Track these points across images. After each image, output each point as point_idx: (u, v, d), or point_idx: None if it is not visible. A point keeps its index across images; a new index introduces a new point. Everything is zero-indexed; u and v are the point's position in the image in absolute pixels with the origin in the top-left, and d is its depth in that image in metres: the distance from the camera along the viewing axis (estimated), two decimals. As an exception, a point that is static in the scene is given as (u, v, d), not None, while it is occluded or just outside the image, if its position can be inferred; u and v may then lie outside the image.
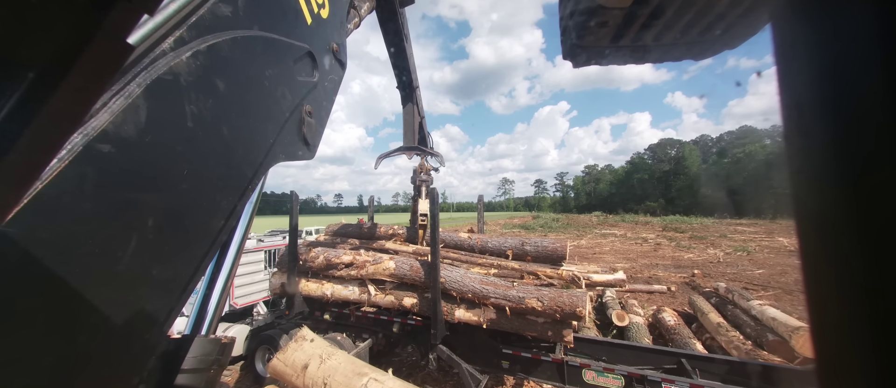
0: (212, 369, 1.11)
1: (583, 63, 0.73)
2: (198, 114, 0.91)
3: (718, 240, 21.27)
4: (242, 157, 1.07)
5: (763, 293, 8.68)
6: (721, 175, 71.40)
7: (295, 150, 1.34)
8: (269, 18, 1.18)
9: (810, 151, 0.24)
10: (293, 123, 1.31)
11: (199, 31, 0.92)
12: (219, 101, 0.97)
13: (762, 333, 5.08)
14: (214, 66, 0.95)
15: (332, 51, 1.61)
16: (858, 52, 0.21)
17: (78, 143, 0.67)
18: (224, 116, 0.99)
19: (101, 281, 0.71)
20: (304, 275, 4.75)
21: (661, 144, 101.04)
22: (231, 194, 1.04)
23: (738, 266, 13.02)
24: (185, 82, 0.87)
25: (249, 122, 1.10)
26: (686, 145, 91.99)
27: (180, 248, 0.90)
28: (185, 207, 0.91)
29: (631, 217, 50.92)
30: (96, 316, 0.71)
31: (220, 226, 1.01)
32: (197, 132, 0.91)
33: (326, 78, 1.56)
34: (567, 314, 3.35)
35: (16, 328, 0.60)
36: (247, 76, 1.08)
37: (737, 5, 0.56)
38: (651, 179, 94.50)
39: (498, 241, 4.51)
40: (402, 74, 4.61)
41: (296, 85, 1.31)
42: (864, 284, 0.20)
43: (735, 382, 3.47)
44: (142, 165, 0.78)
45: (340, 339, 4.43)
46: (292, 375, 3.29)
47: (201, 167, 0.94)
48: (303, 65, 1.36)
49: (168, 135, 0.84)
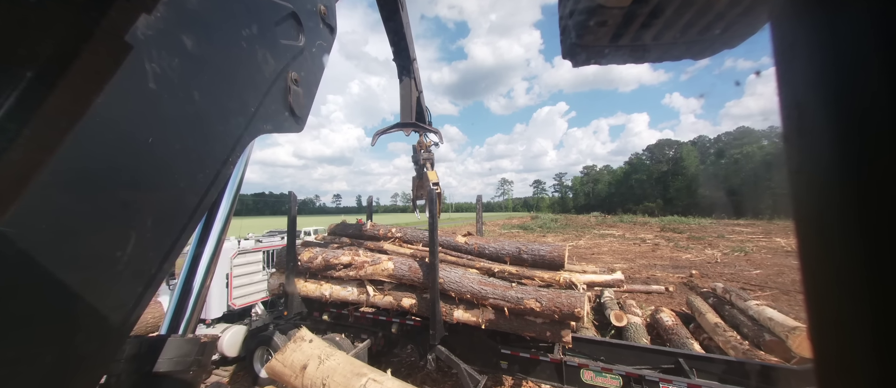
0: (191, 371, 1.04)
1: (582, 63, 0.74)
2: (162, 75, 0.81)
3: (716, 240, 21.35)
4: (219, 125, 0.97)
5: (760, 294, 8.72)
6: (719, 176, 71.73)
7: (281, 120, 1.23)
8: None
9: (810, 151, 0.24)
10: (278, 90, 1.20)
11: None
12: (187, 61, 0.87)
13: (759, 333, 5.10)
14: (180, 20, 0.85)
15: (320, 13, 1.46)
16: (858, 52, 0.21)
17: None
18: (194, 80, 0.89)
19: (58, 262, 0.63)
20: (303, 275, 4.74)
21: (659, 144, 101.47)
22: (208, 168, 0.94)
23: (736, 266, 13.07)
24: (144, 38, 0.74)
25: (226, 87, 1.00)
26: (684, 146, 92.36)
27: (148, 227, 0.80)
28: (152, 179, 0.81)
29: (629, 218, 51.06)
30: (55, 305, 0.64)
31: (195, 203, 0.91)
32: (161, 95, 0.81)
33: (313, 43, 1.42)
34: (565, 315, 3.35)
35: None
36: (220, 35, 0.97)
37: (736, 4, 0.56)
38: (649, 179, 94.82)
39: (495, 245, 4.40)
40: (399, 45, 4.30)
41: (279, 48, 1.20)
42: (863, 283, 0.20)
43: (732, 381, 3.48)
44: (98, 129, 0.67)
45: (339, 339, 4.42)
46: (291, 376, 3.28)
47: (169, 135, 0.84)
48: (286, 27, 1.25)
49: (126, 98, 0.73)
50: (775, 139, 27.32)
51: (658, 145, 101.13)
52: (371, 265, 4.33)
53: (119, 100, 0.72)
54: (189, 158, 0.90)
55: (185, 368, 1.03)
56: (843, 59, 0.22)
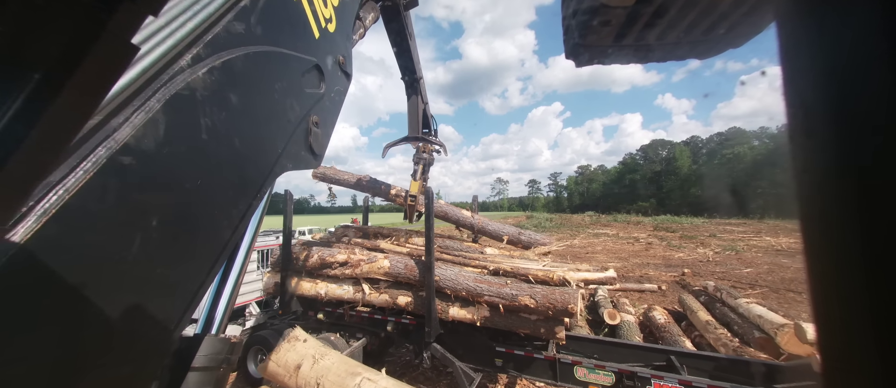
0: (221, 368, 1.13)
1: (585, 62, 0.73)
2: (212, 126, 0.95)
3: (708, 239, 21.66)
4: (252, 167, 1.12)
5: (751, 292, 8.87)
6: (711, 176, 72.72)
7: (302, 159, 1.40)
8: (280, 33, 1.24)
9: (815, 151, 0.24)
10: (300, 133, 1.36)
11: (215, 48, 0.97)
12: (231, 114, 1.02)
13: (749, 330, 5.19)
14: (228, 80, 1.00)
15: (339, 63, 1.68)
16: (864, 52, 0.21)
17: (102, 156, 0.72)
18: (236, 128, 1.04)
19: (120, 287, 0.75)
20: (298, 274, 4.71)
21: (652, 144, 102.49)
22: (241, 203, 1.08)
23: (727, 265, 13.27)
24: (201, 97, 0.92)
25: (259, 133, 1.15)
26: (677, 146, 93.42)
27: (193, 255, 0.94)
28: (197, 216, 0.95)
29: (623, 217, 51.56)
30: (114, 320, 0.75)
31: (229, 234, 1.05)
32: (210, 144, 0.96)
33: (332, 89, 1.62)
34: (559, 311, 3.38)
35: (43, 332, 0.64)
36: (258, 89, 1.13)
37: (741, 4, 0.56)
38: (643, 179, 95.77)
39: (497, 225, 4.79)
40: (407, 69, 4.75)
41: (303, 97, 1.37)
42: (868, 283, 0.20)
43: (722, 378, 3.54)
44: (159, 176, 0.83)
45: (334, 339, 4.40)
46: (285, 375, 3.26)
47: (214, 177, 0.98)
48: (310, 77, 1.42)
49: (184, 147, 0.89)
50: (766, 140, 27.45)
51: (651, 145, 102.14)
52: (367, 264, 4.32)
53: (177, 149, 0.87)
54: (226, 195, 1.03)
55: (216, 365, 1.12)
56: (849, 59, 0.22)
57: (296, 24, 1.34)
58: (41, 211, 0.63)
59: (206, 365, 1.09)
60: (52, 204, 0.64)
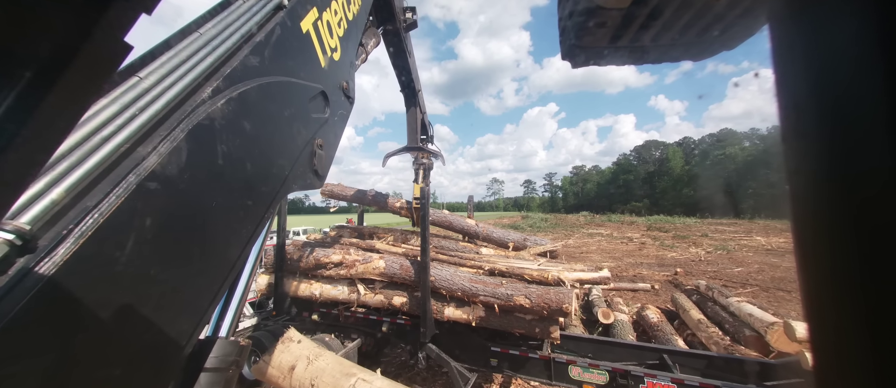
0: (231, 369, 1.19)
1: (581, 63, 0.74)
2: (227, 152, 1.02)
3: (700, 239, 21.94)
4: (262, 189, 1.18)
5: (741, 290, 9.00)
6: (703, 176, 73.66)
7: (307, 180, 1.48)
8: (290, 64, 1.31)
9: (808, 152, 0.24)
10: (306, 155, 1.44)
11: (233, 80, 1.04)
12: (245, 140, 1.09)
13: (740, 328, 5.27)
14: (243, 110, 1.07)
15: (343, 88, 1.77)
16: (855, 54, 0.21)
17: (132, 182, 0.78)
18: (248, 153, 1.11)
19: (142, 300, 0.82)
20: (293, 275, 4.67)
21: (646, 145, 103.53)
22: (250, 224, 1.14)
23: (719, 264, 13.46)
24: (219, 126, 0.99)
25: (269, 157, 1.22)
26: (670, 147, 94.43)
27: (206, 271, 1.00)
28: (212, 236, 1.01)
29: (617, 217, 52.00)
30: (138, 328, 0.81)
31: (239, 253, 1.11)
32: (226, 169, 1.03)
33: (336, 113, 1.71)
34: (554, 311, 3.39)
35: (80, 338, 0.71)
36: (269, 117, 1.19)
37: (735, 6, 0.57)
38: (636, 179, 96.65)
39: (501, 232, 4.74)
40: (406, 83, 4.98)
41: (310, 121, 1.44)
42: (860, 282, 0.20)
43: (714, 376, 3.59)
44: (180, 200, 0.89)
45: (328, 340, 4.36)
46: (279, 377, 3.23)
47: (227, 199, 1.04)
48: (316, 103, 1.50)
49: (203, 172, 0.95)
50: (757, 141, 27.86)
51: (645, 146, 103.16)
52: (362, 264, 4.30)
53: (196, 175, 0.93)
54: (238, 216, 1.09)
55: (226, 366, 1.18)
56: (841, 61, 0.22)
57: (304, 54, 1.42)
58: (79, 233, 0.70)
59: (218, 366, 1.14)
60: (88, 227, 0.71)
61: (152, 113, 0.88)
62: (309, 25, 1.44)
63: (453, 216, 5.85)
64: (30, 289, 0.63)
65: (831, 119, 0.23)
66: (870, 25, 0.21)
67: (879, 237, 0.19)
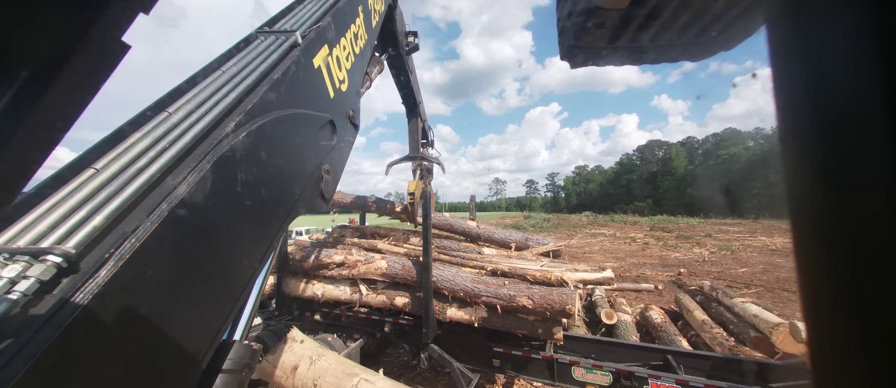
0: (244, 372, 1.25)
1: (580, 64, 0.74)
2: (245, 180, 1.10)
3: (704, 239, 21.79)
4: (274, 213, 1.26)
5: (745, 291, 8.94)
6: (707, 176, 73.16)
7: (314, 203, 1.56)
8: (302, 97, 1.40)
9: (805, 153, 0.24)
10: (314, 180, 1.51)
11: (253, 115, 1.12)
12: (261, 168, 1.16)
13: (744, 329, 5.23)
14: (260, 141, 1.15)
15: (349, 116, 1.88)
16: (852, 55, 0.21)
17: (164, 210, 0.86)
18: (263, 180, 1.18)
19: (170, 315, 0.89)
20: (295, 275, 4.68)
21: (649, 145, 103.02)
22: (262, 245, 1.22)
23: (723, 265, 13.36)
24: (239, 156, 1.07)
25: (281, 183, 1.29)
26: (673, 147, 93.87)
27: (224, 290, 1.07)
28: (229, 257, 1.07)
29: (620, 217, 51.75)
30: (164, 340, 0.88)
31: (252, 272, 1.19)
32: (243, 195, 1.10)
33: (343, 140, 1.80)
34: (557, 312, 3.38)
35: (118, 348, 0.78)
36: (282, 146, 1.27)
37: (733, 7, 0.57)
38: (639, 179, 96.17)
39: (503, 233, 4.75)
40: (407, 97, 5.26)
41: (318, 148, 1.53)
42: (857, 282, 0.20)
43: (719, 377, 3.56)
44: (203, 225, 0.96)
45: (331, 340, 4.37)
46: (281, 377, 3.24)
47: (243, 223, 1.11)
48: (325, 131, 1.59)
49: (224, 199, 1.03)
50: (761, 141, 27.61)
51: (648, 146, 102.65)
52: (364, 264, 4.30)
53: (218, 202, 0.99)
54: (251, 239, 1.16)
55: (240, 369, 1.24)
56: (838, 62, 0.22)
57: (316, 88, 1.51)
58: (118, 256, 0.78)
59: (233, 369, 1.21)
60: (126, 250, 0.79)
61: (181, 146, 0.97)
62: (320, 61, 1.55)
63: (455, 219, 5.87)
64: (77, 307, 0.69)
65: (829, 120, 0.23)
66: (867, 26, 0.20)
67: (876, 238, 0.19)
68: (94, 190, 0.87)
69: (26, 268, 0.72)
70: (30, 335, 0.64)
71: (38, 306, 0.69)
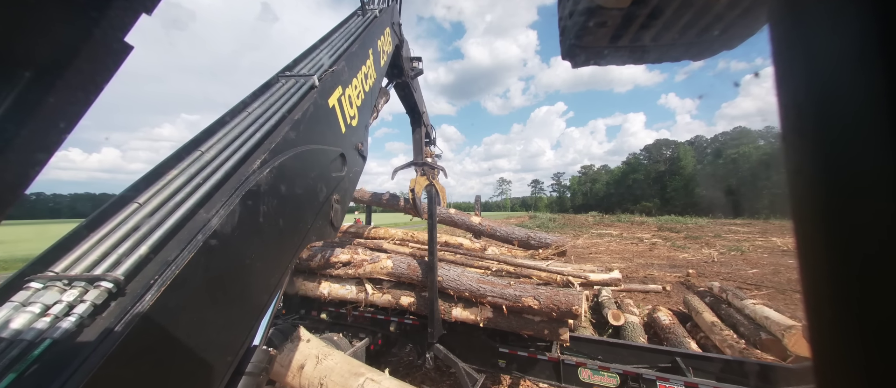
0: (262, 375, 1.33)
1: (581, 63, 0.74)
2: (267, 212, 1.19)
3: (713, 240, 21.45)
4: (288, 241, 1.35)
5: (756, 292, 8.77)
6: (716, 176, 71.97)
7: (324, 232, 1.68)
8: (318, 134, 1.50)
9: (808, 151, 0.24)
10: (325, 210, 1.61)
11: (275, 153, 1.23)
12: (280, 200, 1.26)
13: (755, 332, 5.13)
14: (281, 175, 1.25)
15: (358, 149, 2.03)
16: (855, 53, 0.21)
17: (199, 240, 0.95)
18: (282, 212, 1.27)
19: (201, 333, 0.97)
20: (302, 274, 4.73)
21: (656, 144, 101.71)
22: (278, 271, 1.31)
23: (733, 266, 13.13)
24: (263, 191, 1.17)
25: (297, 213, 1.38)
26: (681, 146, 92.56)
27: (243, 316, 1.16)
28: (250, 282, 1.16)
29: (627, 217, 51.17)
30: (196, 354, 0.96)
31: (267, 298, 1.27)
32: (264, 226, 1.19)
33: (352, 170, 1.94)
34: (563, 313, 3.36)
35: (160, 362, 0.87)
36: (299, 179, 1.37)
37: (735, 6, 0.56)
38: (647, 179, 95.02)
39: (506, 229, 4.94)
40: (413, 109, 5.63)
41: (330, 180, 1.63)
42: (860, 282, 0.20)
43: (729, 380, 3.50)
44: (230, 253, 1.05)
45: (337, 339, 4.40)
46: (288, 375, 3.27)
47: (262, 252, 1.20)
48: (336, 163, 1.71)
49: (248, 230, 1.12)
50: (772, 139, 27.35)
51: (656, 145, 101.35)
52: (370, 264, 4.33)
53: (243, 233, 1.09)
54: (270, 265, 1.24)
55: (260, 372, 1.31)
56: (840, 60, 0.22)
57: (330, 125, 1.63)
58: (162, 282, 0.86)
59: (254, 372, 1.28)
60: (168, 277, 0.87)
61: (213, 182, 1.08)
62: (334, 101, 1.67)
63: (456, 214, 6.03)
64: (126, 326, 0.78)
65: (831, 118, 0.22)
66: (869, 25, 0.20)
67: (877, 236, 0.19)
68: (138, 223, 0.99)
69: (83, 293, 0.82)
70: (87, 354, 0.71)
71: (91, 326, 0.78)
